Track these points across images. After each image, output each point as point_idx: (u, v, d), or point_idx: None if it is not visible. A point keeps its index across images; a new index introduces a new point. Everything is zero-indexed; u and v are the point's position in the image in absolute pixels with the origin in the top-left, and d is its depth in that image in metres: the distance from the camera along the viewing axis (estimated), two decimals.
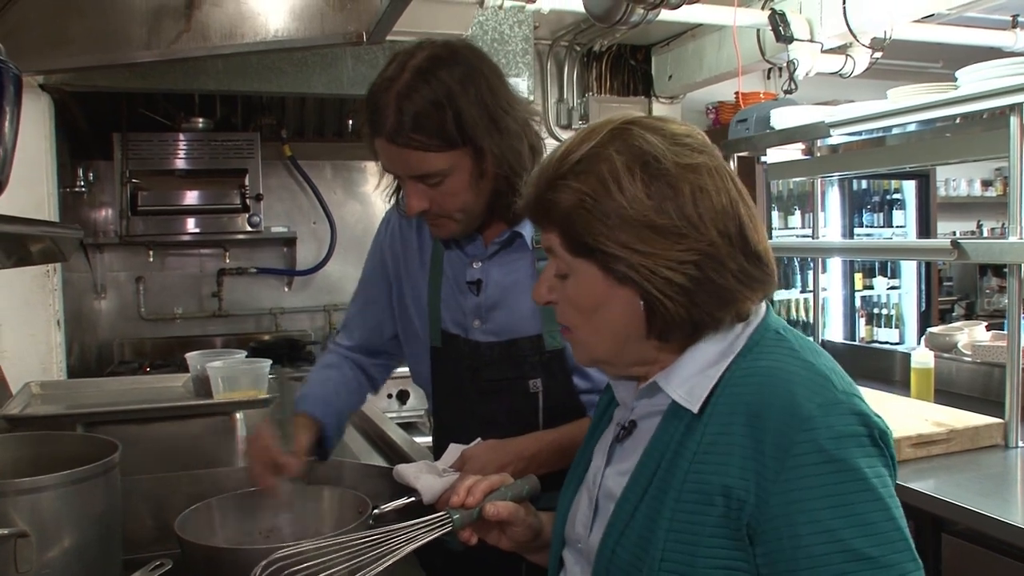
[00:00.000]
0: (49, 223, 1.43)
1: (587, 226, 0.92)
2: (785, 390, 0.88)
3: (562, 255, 0.96)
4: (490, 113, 1.32)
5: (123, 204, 3.65)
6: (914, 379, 2.67)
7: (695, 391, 0.94)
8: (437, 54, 1.33)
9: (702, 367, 0.95)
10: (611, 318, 0.96)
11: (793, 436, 0.85)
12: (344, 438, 2.25)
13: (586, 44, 4.50)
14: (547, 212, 0.96)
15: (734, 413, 0.90)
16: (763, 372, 0.91)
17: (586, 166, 0.93)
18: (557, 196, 0.94)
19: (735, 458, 0.87)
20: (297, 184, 4.33)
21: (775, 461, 0.85)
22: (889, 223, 4.95)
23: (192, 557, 1.18)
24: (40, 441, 1.34)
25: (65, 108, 3.26)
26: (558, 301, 0.99)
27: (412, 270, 1.56)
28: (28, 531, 1.10)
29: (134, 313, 4.11)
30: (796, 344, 0.96)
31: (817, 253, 3.51)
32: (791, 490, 0.84)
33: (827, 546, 0.82)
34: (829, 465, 0.84)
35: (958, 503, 1.84)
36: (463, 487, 1.06)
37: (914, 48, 3.97)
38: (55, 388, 1.97)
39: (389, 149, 1.32)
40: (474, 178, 1.35)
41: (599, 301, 0.95)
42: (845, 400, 0.88)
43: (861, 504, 0.83)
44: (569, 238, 0.94)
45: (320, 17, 2.19)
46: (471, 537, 1.07)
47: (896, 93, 2.52)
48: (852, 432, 0.86)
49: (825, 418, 0.85)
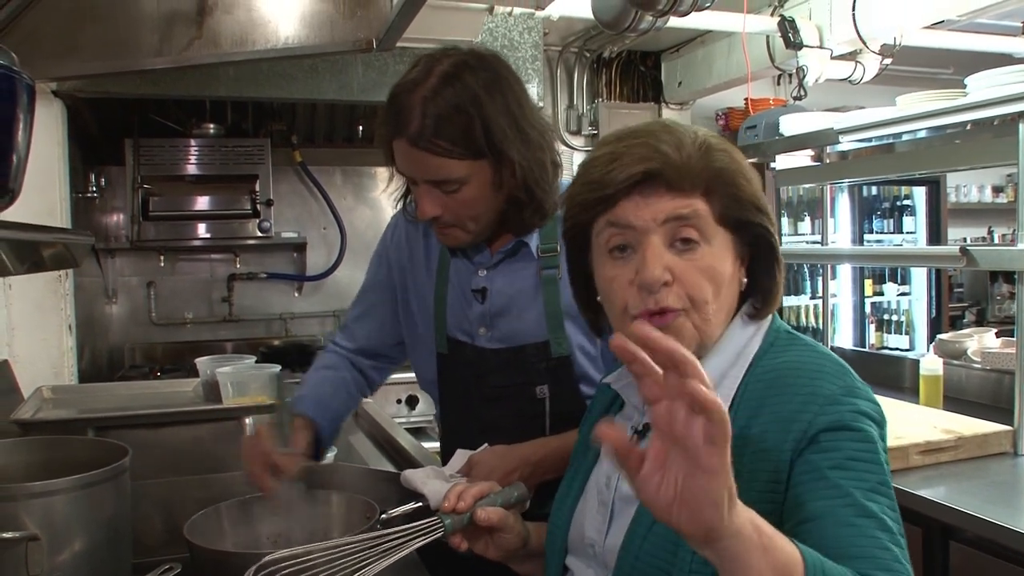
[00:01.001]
0: (60, 229, 1.44)
1: (747, 194, 0.98)
2: (809, 378, 0.93)
3: (703, 223, 0.96)
4: (517, 124, 1.32)
5: (135, 209, 3.68)
6: (923, 386, 2.66)
7: (722, 390, 0.96)
8: (465, 60, 1.32)
9: (723, 367, 0.98)
10: (730, 294, 1.00)
11: (817, 411, 0.90)
12: (352, 443, 2.26)
13: (596, 50, 4.51)
14: (699, 174, 0.96)
15: (762, 406, 0.93)
16: (786, 366, 0.96)
17: (723, 145, 0.99)
18: (717, 158, 0.97)
19: (767, 446, 0.91)
20: (307, 190, 4.35)
21: (802, 436, 0.89)
22: (899, 229, 4.94)
23: (201, 561, 1.19)
24: (51, 445, 1.35)
25: (78, 114, 3.29)
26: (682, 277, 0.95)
27: (418, 276, 1.56)
28: (39, 534, 1.11)
29: (145, 318, 4.13)
30: (808, 341, 1.02)
31: (826, 259, 3.50)
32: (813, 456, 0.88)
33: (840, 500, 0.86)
34: (849, 433, 0.89)
35: (966, 511, 1.84)
36: (454, 492, 1.07)
37: (924, 54, 3.96)
38: (66, 392, 1.98)
39: (410, 151, 1.31)
40: (491, 188, 1.34)
41: (730, 274, 0.98)
42: (862, 387, 0.95)
43: (867, 471, 0.88)
44: (723, 203, 0.97)
45: (330, 24, 2.20)
46: (462, 543, 1.08)
47: (905, 100, 2.52)
48: (869, 413, 0.92)
49: (847, 398, 0.91)
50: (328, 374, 1.62)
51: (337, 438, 1.62)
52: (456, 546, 1.07)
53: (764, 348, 0.99)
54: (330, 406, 1.55)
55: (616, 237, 0.98)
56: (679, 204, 0.95)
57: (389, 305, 1.62)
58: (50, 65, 2.17)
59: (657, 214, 0.95)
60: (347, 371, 1.64)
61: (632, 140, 0.98)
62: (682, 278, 0.95)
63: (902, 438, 2.13)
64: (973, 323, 5.39)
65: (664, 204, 0.95)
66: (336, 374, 1.62)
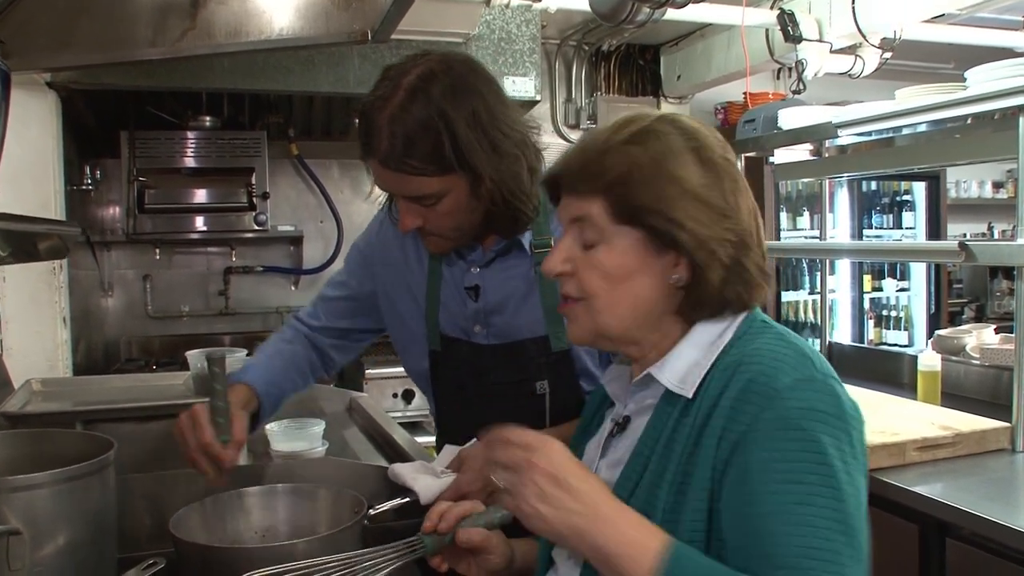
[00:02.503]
0: (46, 220, 1.43)
1: (642, 190, 0.96)
2: (768, 366, 0.92)
3: (599, 223, 0.99)
4: (488, 136, 1.29)
5: (130, 202, 3.66)
6: (920, 382, 2.65)
7: (688, 379, 0.97)
8: (432, 71, 1.29)
9: (695, 357, 0.99)
10: (639, 289, 0.99)
11: (764, 404, 0.89)
12: (346, 437, 2.25)
13: (594, 44, 4.49)
14: (595, 177, 0.98)
15: (722, 394, 0.93)
16: (751, 353, 0.96)
17: (644, 137, 0.98)
18: (611, 160, 0.98)
19: (716, 436, 0.91)
20: (304, 183, 4.33)
21: (746, 428, 0.89)
22: (899, 225, 4.92)
23: (186, 556, 1.17)
24: (37, 439, 1.34)
25: (72, 106, 3.27)
26: (573, 273, 1.01)
27: (408, 272, 1.53)
28: (21, 529, 1.10)
29: (141, 311, 4.12)
30: (781, 330, 1.02)
31: (824, 254, 3.49)
32: (752, 452, 0.87)
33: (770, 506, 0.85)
34: (791, 432, 0.87)
35: (963, 508, 1.82)
36: (435, 512, 1.06)
37: (925, 48, 3.94)
38: (56, 385, 1.97)
39: (383, 172, 1.31)
40: (469, 199, 1.33)
41: (632, 270, 0.98)
42: (821, 379, 0.92)
43: (813, 475, 0.86)
44: (617, 203, 0.97)
45: (325, 15, 2.18)
46: (442, 564, 1.07)
47: (904, 93, 2.50)
48: (821, 407, 0.89)
49: (797, 391, 0.89)
50: (284, 348, 1.59)
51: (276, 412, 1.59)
52: (437, 567, 1.06)
53: (736, 337, 1.00)
54: (277, 382, 1.52)
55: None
56: (576, 206, 1.01)
57: (366, 297, 1.59)
58: (44, 56, 2.15)
59: (565, 214, 1.03)
60: (303, 349, 1.61)
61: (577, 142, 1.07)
62: (578, 271, 1.01)
63: (899, 434, 2.11)
64: (972, 319, 5.38)
65: (570, 206, 1.02)
66: (291, 348, 1.59)
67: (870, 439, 2.06)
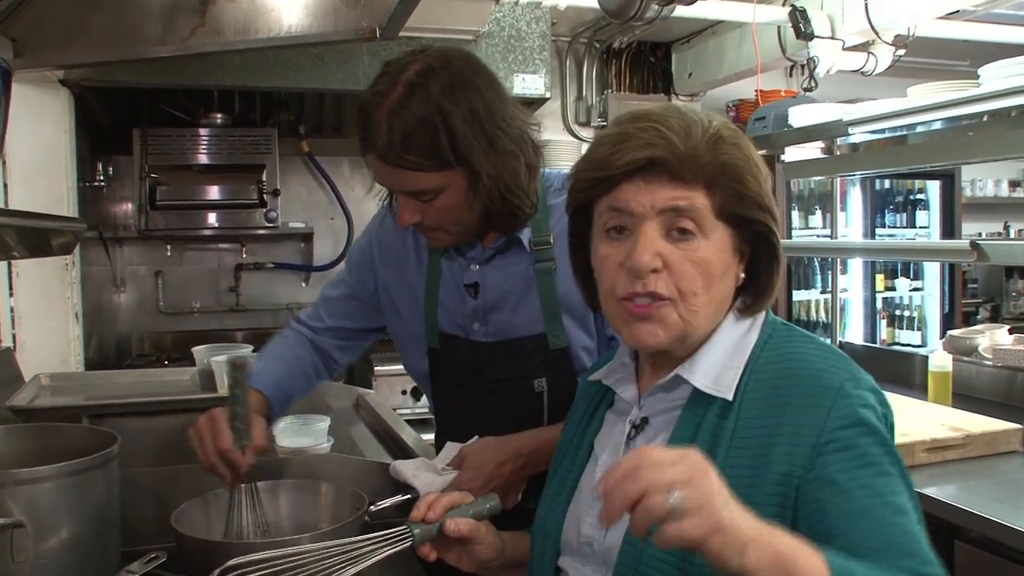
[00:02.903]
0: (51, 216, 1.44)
1: (752, 187, 0.96)
2: (813, 370, 0.94)
3: (701, 215, 0.95)
4: (485, 132, 1.29)
5: (142, 199, 3.68)
6: (931, 383, 2.62)
7: (723, 380, 0.97)
8: (430, 67, 1.29)
9: (722, 359, 0.99)
10: (725, 289, 1.00)
11: (829, 405, 0.91)
12: (352, 435, 2.25)
13: (605, 41, 4.48)
14: (706, 166, 0.95)
15: (769, 396, 0.94)
16: (789, 358, 0.97)
17: (735, 137, 0.98)
18: (725, 151, 0.96)
19: (777, 437, 0.92)
20: (315, 180, 4.34)
21: (816, 430, 0.90)
22: (912, 224, 4.87)
23: (187, 550, 1.18)
24: (43, 432, 1.35)
25: (86, 103, 3.29)
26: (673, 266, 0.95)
27: (408, 269, 1.53)
28: (24, 521, 1.11)
29: (153, 307, 4.14)
30: (806, 332, 1.04)
31: (833, 253, 3.47)
32: (834, 452, 0.89)
33: (873, 499, 0.87)
34: (861, 428, 0.90)
35: (972, 510, 1.80)
36: (423, 502, 1.06)
37: (941, 45, 3.91)
38: (64, 380, 1.98)
39: (381, 167, 1.31)
40: (468, 195, 1.33)
41: (726, 267, 0.98)
42: (866, 377, 0.96)
43: (890, 464, 0.90)
44: (725, 197, 0.96)
45: (333, 12, 2.18)
46: (431, 553, 1.06)
47: (915, 91, 2.48)
48: (874, 404, 0.93)
49: (855, 390, 0.92)
50: (287, 352, 1.59)
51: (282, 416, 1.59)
52: (425, 556, 1.05)
53: (763, 340, 1.01)
54: (284, 386, 1.52)
55: (614, 219, 0.98)
56: (679, 195, 0.94)
57: (369, 295, 1.59)
58: (55, 53, 2.16)
59: (656, 202, 0.95)
60: (307, 352, 1.61)
61: (643, 122, 0.97)
62: (674, 267, 0.95)
63: (908, 435, 2.09)
64: (987, 319, 5.32)
65: (664, 193, 0.94)
66: (295, 353, 1.59)
67: None
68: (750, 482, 0.91)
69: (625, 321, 0.99)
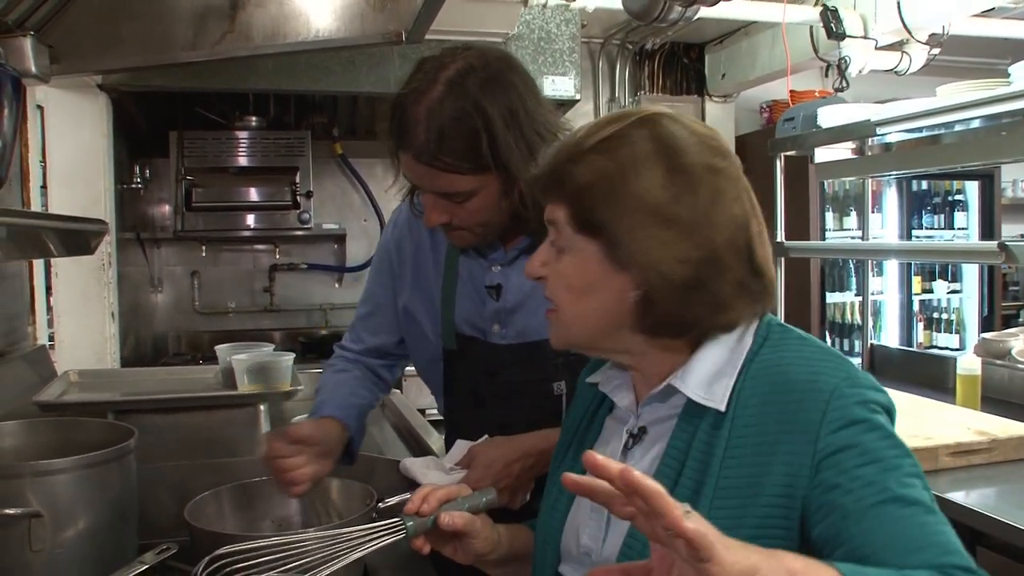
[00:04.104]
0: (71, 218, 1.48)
1: (600, 203, 0.93)
2: (807, 373, 0.92)
3: (564, 230, 0.96)
4: (524, 137, 1.26)
5: (178, 200, 3.77)
6: (959, 386, 2.57)
7: (715, 390, 0.94)
8: (471, 66, 1.26)
9: (717, 366, 0.96)
10: (600, 302, 0.96)
11: (824, 410, 0.88)
12: (374, 432, 2.28)
13: (638, 42, 4.47)
14: (560, 184, 0.96)
15: (762, 404, 0.92)
16: (782, 362, 0.94)
17: (611, 145, 0.94)
18: (576, 169, 0.95)
19: (778, 445, 0.89)
20: (348, 182, 4.40)
21: (813, 437, 0.88)
22: (950, 225, 4.77)
23: (199, 542, 1.21)
24: (64, 427, 1.40)
25: (123, 107, 3.38)
26: (549, 277, 0.99)
27: (424, 270, 1.52)
28: (42, 512, 1.15)
29: (189, 306, 4.23)
30: (802, 334, 1.00)
31: (861, 255, 3.41)
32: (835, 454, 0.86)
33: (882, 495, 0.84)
34: (859, 425, 0.88)
35: (996, 516, 1.77)
36: (418, 495, 1.05)
37: (979, 44, 3.83)
38: (92, 377, 2.04)
39: (414, 166, 1.28)
40: (499, 199, 1.31)
41: (592, 281, 0.95)
42: (863, 375, 0.93)
43: (896, 458, 0.87)
44: (578, 213, 0.95)
45: (361, 17, 2.21)
46: (424, 546, 1.05)
47: (945, 90, 2.44)
48: (873, 399, 0.91)
49: (851, 388, 0.90)
50: (341, 377, 1.58)
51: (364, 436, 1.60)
52: (419, 549, 1.05)
53: (758, 343, 0.97)
54: (351, 403, 1.51)
55: None
56: (548, 210, 0.99)
57: (393, 302, 1.58)
58: (90, 59, 2.23)
59: (546, 214, 1.00)
60: (359, 369, 1.61)
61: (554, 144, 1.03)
62: (548, 278, 1.00)
63: (932, 438, 2.06)
64: None
65: (548, 209, 0.99)
66: (348, 375, 1.59)
67: None
68: (746, 493, 0.89)
69: None
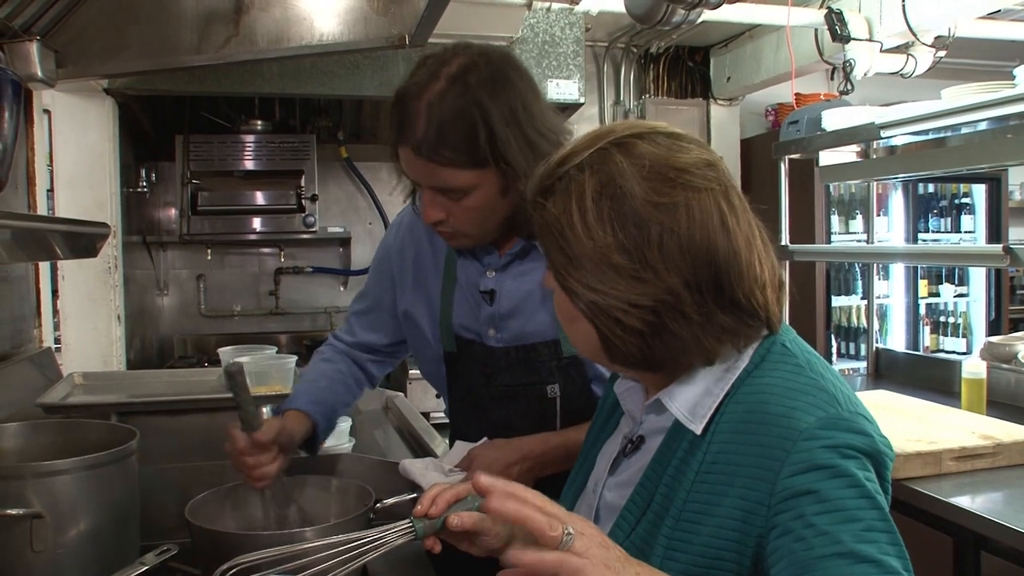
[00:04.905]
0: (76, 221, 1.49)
1: (552, 252, 0.92)
2: (784, 407, 0.87)
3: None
4: (524, 133, 1.27)
5: (184, 204, 3.79)
6: (965, 390, 2.56)
7: (698, 410, 0.93)
8: (473, 62, 1.27)
9: (706, 385, 0.94)
10: (580, 337, 0.97)
11: (790, 447, 0.84)
12: (376, 435, 2.29)
13: (643, 46, 4.47)
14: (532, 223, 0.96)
15: (736, 432, 0.89)
16: (765, 389, 0.90)
17: (563, 186, 0.92)
18: (536, 213, 0.95)
19: (739, 477, 0.87)
20: (354, 185, 4.42)
21: (773, 475, 0.84)
22: (957, 228, 4.74)
23: (200, 542, 1.22)
24: (67, 428, 1.40)
25: (130, 111, 3.40)
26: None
27: (424, 273, 1.53)
28: (44, 512, 1.15)
29: (195, 310, 4.25)
30: (802, 359, 0.94)
31: (868, 258, 3.41)
32: (791, 499, 0.83)
33: (832, 547, 0.80)
34: (822, 471, 0.83)
35: (1001, 521, 1.76)
36: (427, 497, 1.05)
37: (986, 46, 3.81)
38: (96, 379, 2.05)
39: (413, 160, 1.28)
40: (497, 196, 1.31)
41: (569, 318, 0.96)
42: (848, 417, 0.87)
43: (858, 509, 0.82)
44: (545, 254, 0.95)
45: (364, 21, 2.22)
46: (435, 545, 1.06)
47: (950, 92, 2.43)
48: (849, 445, 0.85)
49: (825, 431, 0.85)
50: (325, 368, 1.60)
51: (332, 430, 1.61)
52: (430, 548, 1.06)
53: (754, 364, 0.93)
54: (323, 400, 1.53)
55: None
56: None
57: (390, 303, 1.60)
58: (96, 63, 2.24)
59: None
60: (345, 365, 1.62)
61: None
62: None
63: (935, 443, 2.05)
64: None
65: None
66: (333, 367, 1.61)
67: (905, 447, 2.01)
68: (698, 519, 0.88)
69: None
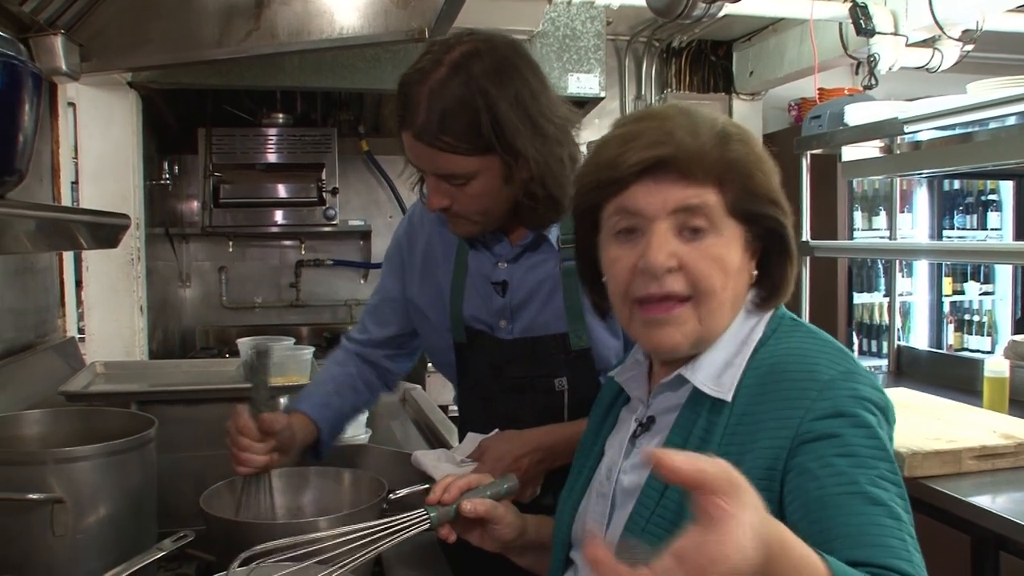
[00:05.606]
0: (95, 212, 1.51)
1: (763, 184, 0.96)
2: (806, 363, 0.93)
3: (713, 213, 0.94)
4: (530, 118, 1.27)
5: (206, 196, 3.82)
6: (987, 388, 2.53)
7: (724, 380, 0.96)
8: (477, 49, 1.27)
9: (726, 358, 0.97)
10: (742, 287, 0.99)
11: (816, 397, 0.89)
12: (393, 426, 2.30)
13: (665, 40, 4.45)
14: (716, 163, 0.94)
15: (759, 393, 0.93)
16: (786, 352, 0.96)
17: (742, 135, 0.97)
18: (735, 148, 0.95)
19: (764, 431, 0.90)
20: (374, 178, 4.43)
21: (797, 421, 0.88)
22: (984, 225, 4.67)
23: (214, 530, 1.24)
24: (87, 416, 1.43)
25: (153, 105, 3.43)
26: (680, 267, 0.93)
27: (433, 263, 1.54)
28: (64, 498, 1.18)
29: (216, 301, 4.29)
30: (811, 327, 1.01)
31: (890, 254, 3.36)
32: (813, 441, 0.87)
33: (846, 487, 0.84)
34: (845, 418, 0.88)
35: (1020, 521, 1.74)
36: (440, 485, 1.06)
37: (1016, 40, 3.75)
38: (118, 368, 2.08)
39: (416, 145, 1.29)
40: (501, 182, 1.31)
41: (740, 264, 0.97)
42: (864, 373, 0.93)
43: (873, 458, 0.86)
44: (735, 195, 0.94)
45: (384, 14, 2.23)
46: (450, 534, 1.07)
47: (975, 87, 2.40)
48: (868, 398, 0.90)
49: (845, 383, 0.90)
50: (334, 371, 1.61)
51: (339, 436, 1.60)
52: (444, 537, 1.07)
53: (767, 335, 0.98)
54: (329, 404, 1.53)
55: (624, 221, 0.96)
56: (690, 194, 0.93)
57: (402, 295, 1.60)
58: (119, 57, 2.27)
59: (667, 202, 0.93)
60: (355, 367, 1.62)
61: (648, 122, 0.96)
62: (690, 266, 0.93)
63: (955, 441, 2.03)
64: None
65: (675, 192, 0.93)
66: (342, 370, 1.61)
67: (924, 445, 1.99)
68: None
69: (642, 325, 0.97)
